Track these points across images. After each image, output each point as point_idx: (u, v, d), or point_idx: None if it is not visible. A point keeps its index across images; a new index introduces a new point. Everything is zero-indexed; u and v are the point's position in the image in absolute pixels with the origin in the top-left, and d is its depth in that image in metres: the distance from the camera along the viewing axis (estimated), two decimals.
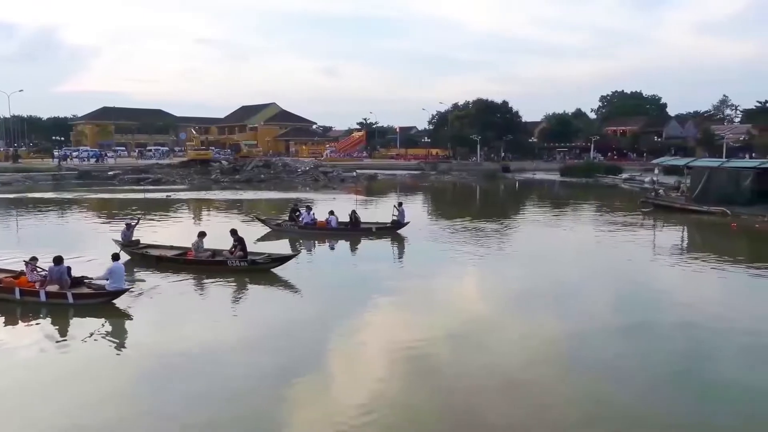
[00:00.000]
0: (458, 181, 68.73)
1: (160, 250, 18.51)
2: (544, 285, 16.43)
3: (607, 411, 8.66)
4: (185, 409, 8.61)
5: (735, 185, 31.81)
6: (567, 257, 21.00)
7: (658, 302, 14.98)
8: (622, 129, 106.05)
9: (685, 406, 8.83)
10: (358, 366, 10.40)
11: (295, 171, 65.16)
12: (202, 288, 15.75)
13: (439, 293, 15.54)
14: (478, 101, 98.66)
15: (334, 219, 24.40)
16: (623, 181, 63.49)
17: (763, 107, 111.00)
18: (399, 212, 25.06)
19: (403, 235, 24.22)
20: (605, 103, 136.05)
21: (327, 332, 12.02)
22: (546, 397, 9.05)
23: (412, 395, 9.11)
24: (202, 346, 11.21)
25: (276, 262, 17.20)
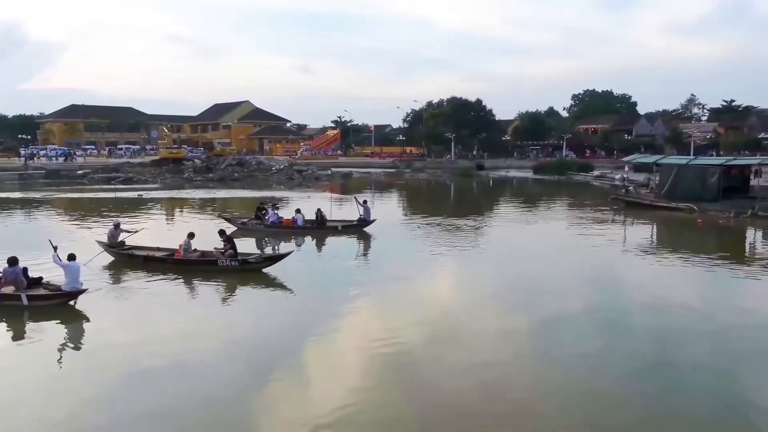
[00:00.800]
0: (433, 179, 69.04)
1: (146, 251, 18.13)
2: (517, 281, 16.63)
3: (582, 403, 8.80)
4: (155, 414, 8.51)
5: (702, 182, 32.51)
6: (540, 253, 21.25)
7: (629, 295, 15.31)
8: (594, 127, 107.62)
9: (655, 398, 9.00)
10: (334, 364, 10.42)
11: (270, 169, 64.80)
12: (181, 288, 15.57)
13: (414, 290, 15.62)
14: (452, 99, 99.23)
15: (300, 217, 24.32)
16: (595, 178, 64.42)
17: (728, 106, 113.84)
18: (364, 210, 25.10)
19: (369, 233, 24.25)
20: (577, 102, 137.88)
21: (303, 332, 12.00)
22: (521, 391, 9.17)
23: (388, 392, 9.15)
24: (175, 347, 11.12)
25: (268, 262, 16.97)
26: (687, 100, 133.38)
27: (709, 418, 8.40)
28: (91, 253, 16.56)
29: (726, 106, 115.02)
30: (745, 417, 8.40)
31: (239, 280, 16.02)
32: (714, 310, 13.99)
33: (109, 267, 17.50)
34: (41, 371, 10.11)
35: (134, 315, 13.27)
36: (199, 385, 9.30)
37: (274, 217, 24.50)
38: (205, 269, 16.74)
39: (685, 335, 11.94)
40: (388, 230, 25.50)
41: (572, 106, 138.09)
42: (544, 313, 13.25)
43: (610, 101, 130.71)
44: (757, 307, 14.10)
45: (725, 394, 9.11)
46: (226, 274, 16.39)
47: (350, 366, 10.18)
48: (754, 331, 12.29)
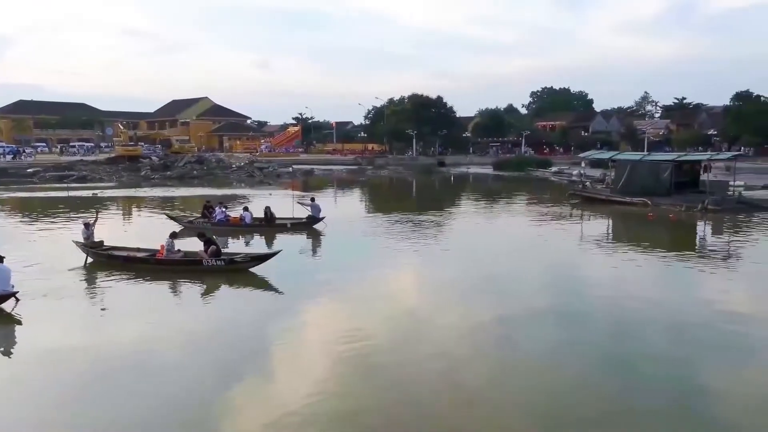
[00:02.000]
0: (395, 175, 69.24)
1: (127, 251, 17.58)
2: (479, 275, 16.81)
3: (542, 396, 8.93)
4: (114, 418, 8.32)
5: (655, 178, 33.46)
6: (501, 248, 21.57)
7: (587, 288, 15.65)
8: (552, 124, 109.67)
9: (614, 389, 9.23)
10: (298, 363, 10.34)
11: (230, 167, 64.01)
12: (152, 288, 15.19)
13: (377, 286, 15.65)
14: (413, 96, 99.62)
15: (248, 215, 24.02)
16: (553, 174, 65.65)
17: (680, 104, 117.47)
18: (313, 207, 24.97)
19: (318, 230, 24.16)
20: (536, 99, 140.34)
21: (268, 330, 11.91)
22: (482, 385, 9.28)
23: (353, 389, 9.15)
24: (137, 349, 10.87)
25: (255, 261, 16.56)
26: (641, 97, 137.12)
27: (666, 407, 8.61)
28: (63, 253, 16.06)
29: (677, 103, 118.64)
30: (701, 404, 8.69)
31: (223, 280, 15.73)
32: (669, 301, 14.41)
33: (85, 268, 17.01)
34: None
35: (87, 318, 12.92)
36: (162, 388, 9.13)
37: (221, 215, 24.15)
38: (190, 270, 16.31)
39: (641, 326, 12.24)
40: (350, 227, 25.48)
41: (531, 103, 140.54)
42: (505, 307, 13.44)
43: (568, 99, 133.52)
44: (710, 297, 14.60)
45: (682, 383, 9.37)
46: (212, 275, 16.04)
47: (315, 363, 10.13)
48: (707, 320, 12.69)
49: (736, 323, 12.41)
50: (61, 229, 24.85)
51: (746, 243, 22.41)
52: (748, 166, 59.11)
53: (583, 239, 23.90)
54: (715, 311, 13.36)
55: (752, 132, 79.42)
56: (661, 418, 8.22)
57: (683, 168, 34.92)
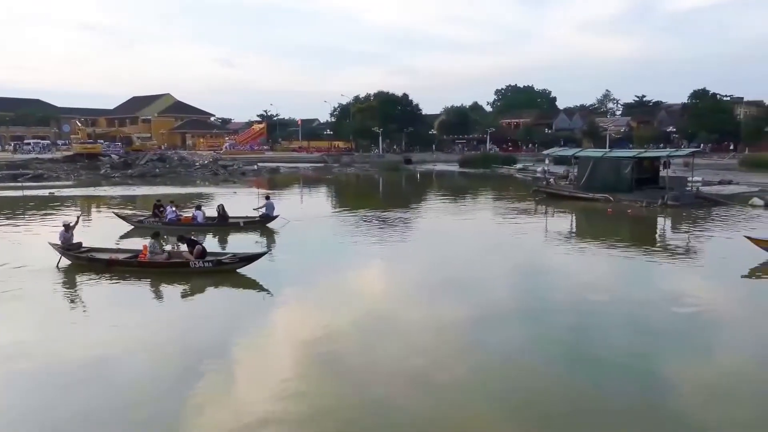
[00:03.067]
0: (361, 173, 69.12)
1: (108, 253, 17.01)
2: (446, 273, 16.83)
3: (512, 393, 8.96)
4: (69, 425, 8.04)
5: (616, 174, 34.08)
6: (467, 245, 21.67)
7: (552, 283, 15.79)
8: (516, 121, 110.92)
9: (579, 382, 9.33)
10: (264, 364, 10.16)
11: (193, 165, 63.00)
12: (123, 291, 14.76)
13: (345, 285, 15.53)
14: (379, 94, 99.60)
15: (200, 214, 23.56)
16: (517, 171, 66.44)
17: (640, 101, 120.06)
18: (267, 206, 24.70)
19: (273, 229, 23.83)
20: (500, 97, 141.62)
21: (231, 332, 11.70)
22: (448, 383, 9.23)
23: (318, 389, 9.03)
24: (95, 353, 10.53)
25: (244, 262, 16.12)
26: (602, 95, 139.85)
27: (630, 397, 8.73)
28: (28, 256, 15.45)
29: (638, 101, 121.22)
30: (663, 393, 8.81)
31: (202, 282, 15.35)
32: (632, 294, 14.67)
33: (64, 270, 16.46)
34: None
35: (46, 321, 12.47)
36: (119, 391, 8.85)
37: (172, 214, 23.69)
38: (176, 271, 15.87)
39: (605, 320, 12.42)
40: (317, 225, 25.27)
41: (495, 101, 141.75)
42: (473, 304, 13.46)
43: (532, 96, 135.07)
44: (669, 290, 14.89)
45: (645, 375, 9.51)
46: (198, 276, 15.67)
47: (281, 364, 9.97)
48: (667, 312, 12.91)
49: (695, 314, 12.69)
50: (27, 229, 24.21)
51: (704, 237, 22.99)
52: (705, 162, 60.85)
53: (548, 235, 24.20)
54: (675, 303, 13.59)
55: (709, 129, 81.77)
56: (626, 409, 8.33)
57: (643, 164, 35.68)
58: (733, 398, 8.73)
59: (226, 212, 24.24)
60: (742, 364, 10.05)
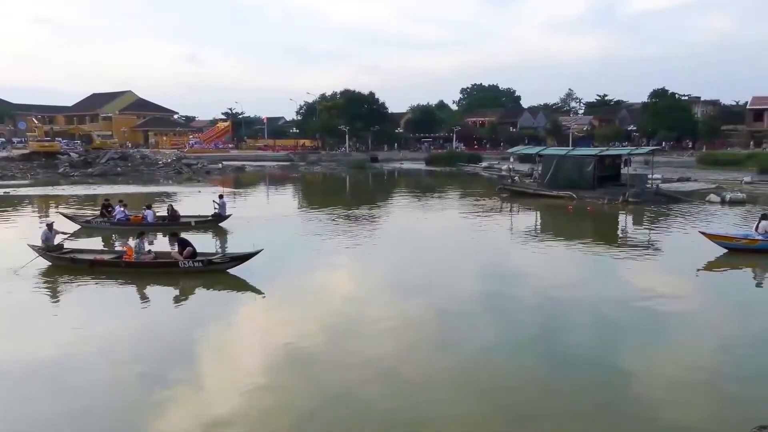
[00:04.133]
0: (328, 171, 68.83)
1: (92, 254, 16.54)
2: (413, 271, 16.87)
3: (477, 389, 9.01)
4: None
5: (579, 172, 34.68)
6: (434, 243, 21.78)
7: (518, 279, 16.01)
8: (482, 120, 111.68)
9: (545, 376, 9.47)
10: (230, 365, 10.05)
11: (156, 163, 61.80)
12: (101, 292, 14.43)
13: (311, 283, 15.43)
14: (345, 92, 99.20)
15: (150, 213, 23.15)
16: (483, 169, 67.01)
17: (602, 100, 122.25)
18: (220, 205, 24.40)
19: (225, 228, 23.54)
20: (466, 96, 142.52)
21: (197, 332, 11.54)
22: (416, 381, 9.25)
23: (285, 389, 8.97)
24: (53, 356, 10.27)
25: (235, 262, 15.85)
26: (565, 94, 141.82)
27: (595, 390, 8.92)
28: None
29: (600, 100, 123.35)
30: (626, 384, 9.02)
31: (187, 282, 15.13)
32: (595, 289, 14.99)
33: (45, 273, 15.91)
34: None
35: (11, 324, 12.10)
36: (78, 397, 8.65)
37: (121, 214, 23.24)
38: (165, 272, 15.53)
39: (570, 314, 12.64)
40: (284, 223, 25.05)
41: (461, 99, 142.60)
42: (439, 301, 13.54)
43: (496, 95, 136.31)
44: (631, 284, 15.27)
45: (608, 367, 9.71)
46: (188, 277, 15.38)
47: (248, 365, 9.87)
48: (630, 305, 13.20)
49: (655, 308, 12.98)
50: None
51: (663, 232, 23.58)
52: (664, 160, 62.40)
53: (514, 232, 24.50)
54: (636, 297, 13.92)
55: (668, 127, 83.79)
56: (591, 402, 8.50)
57: (605, 162, 36.41)
58: (691, 387, 8.98)
59: (176, 212, 23.92)
60: (698, 355, 10.34)
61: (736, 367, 9.89)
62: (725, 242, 18.48)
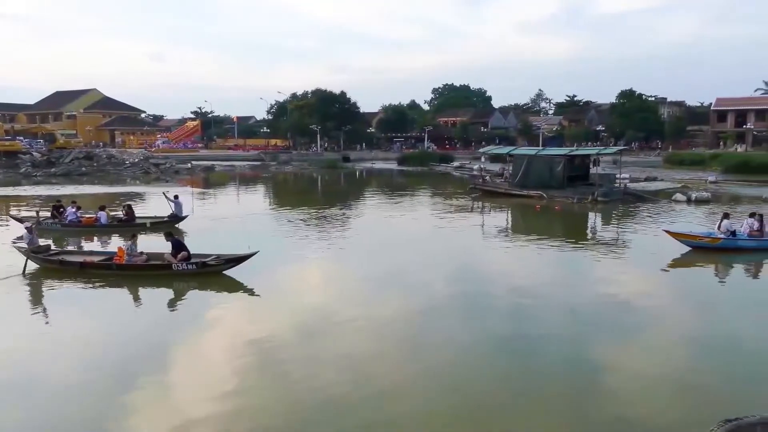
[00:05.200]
0: (299, 171, 68.44)
1: (81, 256, 16.02)
2: (385, 270, 16.77)
3: (450, 389, 8.92)
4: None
5: (549, 171, 34.99)
6: (406, 241, 21.71)
7: (490, 278, 16.03)
8: (453, 120, 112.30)
9: (515, 373, 9.43)
10: (201, 366, 9.78)
11: (123, 163, 60.64)
12: (79, 295, 13.99)
13: (284, 283, 15.21)
14: (316, 91, 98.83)
15: (103, 215, 22.53)
16: (455, 169, 67.35)
17: (571, 101, 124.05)
18: (176, 205, 24.02)
19: (182, 229, 22.96)
20: (437, 96, 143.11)
21: (165, 335, 11.31)
22: (389, 380, 9.15)
23: (259, 392, 8.78)
24: (21, 361, 9.87)
25: (230, 263, 15.46)
26: (536, 94, 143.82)
27: (566, 386, 8.90)
28: None
29: (569, 100, 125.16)
30: (597, 380, 9.06)
31: (181, 285, 14.75)
32: (565, 286, 15.05)
33: (35, 278, 15.35)
34: None
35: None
36: (43, 404, 8.29)
37: (73, 215, 22.65)
38: (158, 275, 15.11)
39: (541, 312, 12.64)
40: (255, 223, 24.72)
41: (433, 99, 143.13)
42: (412, 300, 13.45)
43: (468, 95, 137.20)
44: (599, 282, 15.38)
45: (579, 364, 9.75)
46: (181, 279, 15.01)
47: (219, 366, 9.63)
48: (599, 303, 13.32)
49: (622, 305, 13.14)
50: None
51: (630, 231, 23.88)
52: (632, 160, 63.59)
53: (485, 231, 24.57)
54: (604, 295, 14.03)
55: (636, 128, 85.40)
56: (561, 397, 8.50)
57: (575, 162, 36.81)
58: (658, 382, 9.01)
59: (132, 212, 23.42)
60: (664, 350, 10.47)
61: (701, 362, 10.03)
62: (689, 240, 18.80)
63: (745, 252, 18.33)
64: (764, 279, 16.52)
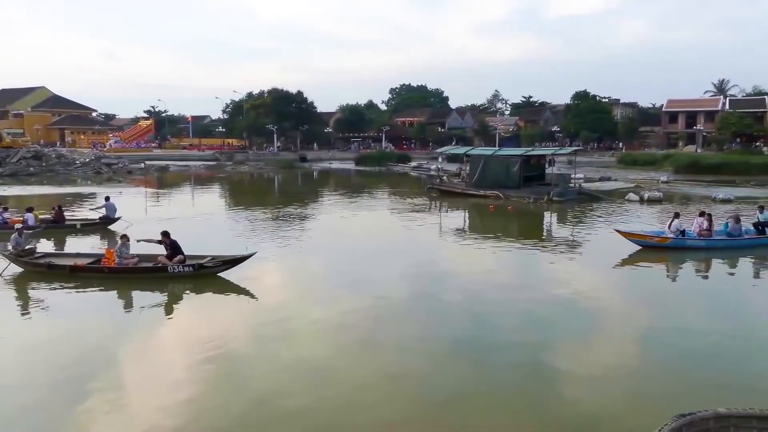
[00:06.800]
0: (255, 171, 67.62)
1: (71, 259, 15.45)
2: (343, 271, 16.68)
3: (407, 387, 8.94)
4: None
5: (506, 171, 35.46)
6: (363, 242, 21.68)
7: (447, 278, 16.07)
8: (410, 120, 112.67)
9: (471, 373, 9.48)
10: (155, 373, 9.50)
11: (73, 163, 58.77)
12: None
13: (235, 286, 14.91)
14: (273, 90, 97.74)
15: (30, 217, 21.56)
16: (412, 169, 67.60)
17: (527, 102, 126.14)
18: (108, 207, 23.38)
19: (113, 231, 22.43)
20: (394, 96, 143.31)
21: (117, 339, 10.95)
22: (345, 382, 9.08)
23: (214, 398, 8.56)
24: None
25: (227, 265, 15.15)
26: (492, 95, 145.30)
27: (524, 385, 9.02)
28: None
29: (525, 101, 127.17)
30: (555, 380, 9.14)
31: (152, 287, 14.38)
32: (520, 286, 15.26)
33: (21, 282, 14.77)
34: None
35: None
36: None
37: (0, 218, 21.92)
38: (152, 277, 14.74)
39: (498, 312, 12.79)
40: (210, 223, 24.29)
41: (390, 99, 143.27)
42: (369, 301, 13.40)
43: (425, 95, 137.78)
44: (553, 280, 15.61)
45: (536, 364, 9.84)
46: (176, 282, 14.61)
47: (174, 373, 9.39)
48: (552, 302, 13.49)
49: (574, 303, 13.38)
50: None
51: (583, 230, 24.42)
52: (587, 160, 65.11)
53: (442, 231, 24.74)
54: (557, 294, 14.25)
55: (590, 128, 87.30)
56: (517, 397, 8.60)
57: (531, 162, 37.38)
58: (613, 379, 9.20)
59: (62, 214, 22.72)
60: (615, 347, 10.70)
61: (654, 359, 10.24)
62: (639, 240, 19.28)
63: (695, 250, 18.89)
64: (713, 277, 17.05)
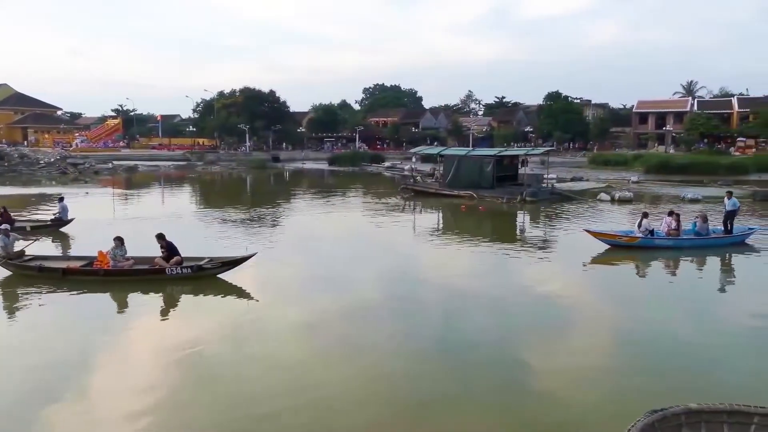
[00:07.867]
0: (227, 171, 66.78)
1: (63, 262, 14.98)
2: (316, 271, 16.41)
3: (382, 388, 8.76)
4: None
5: (479, 171, 35.44)
6: (337, 242, 21.39)
7: (420, 278, 15.89)
8: (384, 120, 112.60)
9: (448, 373, 9.30)
10: (126, 377, 9.10)
11: (37, 163, 57.27)
12: None
13: (210, 289, 14.50)
14: (245, 90, 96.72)
15: None
16: (386, 169, 67.45)
17: (500, 102, 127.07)
18: (61, 208, 22.75)
19: (67, 233, 21.91)
20: (368, 96, 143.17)
21: (89, 342, 10.58)
22: (320, 383, 8.83)
23: (187, 402, 8.28)
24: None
25: (227, 266, 14.81)
26: (465, 95, 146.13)
27: (496, 384, 8.88)
28: None
29: (498, 102, 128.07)
30: (527, 379, 9.04)
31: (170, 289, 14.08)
32: (493, 285, 15.20)
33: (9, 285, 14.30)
34: None
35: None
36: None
37: None
38: (150, 279, 14.31)
39: (472, 312, 12.65)
40: (180, 225, 23.67)
41: (364, 99, 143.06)
42: (343, 301, 13.20)
43: (399, 95, 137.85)
44: (525, 279, 15.58)
45: (509, 363, 9.75)
46: (174, 284, 14.23)
47: (148, 376, 9.03)
48: (524, 301, 13.47)
49: (544, 301, 13.42)
50: None
51: (556, 230, 24.52)
52: (560, 160, 65.72)
53: (416, 231, 24.58)
54: (529, 292, 14.27)
55: (562, 129, 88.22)
56: (492, 396, 8.52)
57: (504, 162, 37.44)
58: (585, 377, 9.16)
59: (9, 215, 21.89)
60: (587, 345, 10.72)
61: (624, 355, 10.26)
62: (608, 239, 19.35)
63: (664, 249, 19.02)
64: (680, 275, 17.16)
